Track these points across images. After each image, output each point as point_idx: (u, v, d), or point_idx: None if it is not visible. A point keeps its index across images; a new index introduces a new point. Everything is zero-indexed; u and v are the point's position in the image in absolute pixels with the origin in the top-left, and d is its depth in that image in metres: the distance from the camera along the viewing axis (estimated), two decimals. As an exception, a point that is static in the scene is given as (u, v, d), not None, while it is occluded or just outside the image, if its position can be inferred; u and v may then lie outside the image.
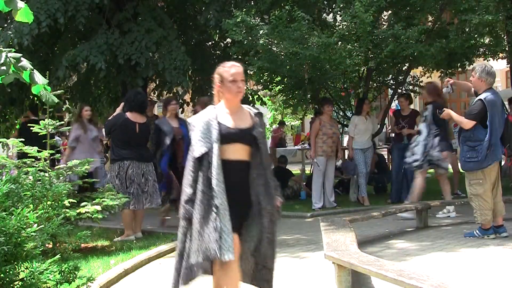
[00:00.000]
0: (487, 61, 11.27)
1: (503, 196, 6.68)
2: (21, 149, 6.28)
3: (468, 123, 6.37)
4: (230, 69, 3.75)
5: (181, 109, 13.18)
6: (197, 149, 3.56)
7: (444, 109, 9.23)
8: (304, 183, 11.20)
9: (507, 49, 11.26)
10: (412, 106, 10.46)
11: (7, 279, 3.40)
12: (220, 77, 3.74)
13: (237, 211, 3.56)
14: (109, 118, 7.93)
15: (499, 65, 13.49)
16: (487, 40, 11.42)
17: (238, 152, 3.65)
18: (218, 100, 3.78)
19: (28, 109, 11.37)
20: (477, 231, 6.53)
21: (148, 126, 7.68)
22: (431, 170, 13.97)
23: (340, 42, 9.36)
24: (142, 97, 7.67)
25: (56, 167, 6.63)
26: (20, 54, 3.64)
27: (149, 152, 7.65)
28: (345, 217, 6.60)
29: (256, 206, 3.65)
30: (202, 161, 3.54)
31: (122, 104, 7.76)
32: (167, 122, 7.93)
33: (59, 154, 9.21)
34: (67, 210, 5.64)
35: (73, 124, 9.12)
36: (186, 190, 3.57)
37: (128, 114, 7.35)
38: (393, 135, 10.43)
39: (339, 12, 9.75)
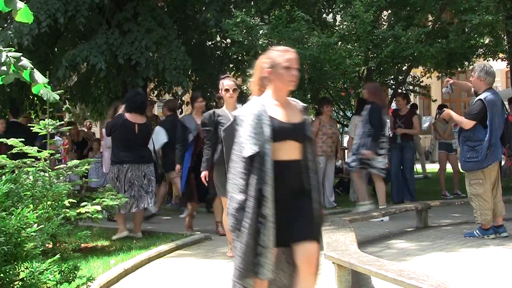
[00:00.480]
0: (487, 61, 11.28)
1: (503, 196, 6.68)
2: (21, 149, 6.27)
3: (468, 123, 6.37)
4: (284, 54, 3.24)
5: (179, 110, 13.21)
6: (247, 147, 3.06)
7: (444, 109, 9.25)
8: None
9: (507, 49, 11.27)
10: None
11: (7, 279, 3.40)
12: (271, 61, 3.24)
13: (290, 219, 3.14)
14: (109, 120, 7.90)
15: (499, 65, 13.51)
16: (487, 40, 11.44)
17: (291, 150, 3.19)
18: (258, 91, 3.31)
19: (9, 111, 11.40)
20: (477, 231, 6.53)
21: (148, 127, 7.60)
22: (434, 170, 13.97)
23: (340, 42, 9.37)
24: (142, 98, 7.62)
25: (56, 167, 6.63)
26: (20, 54, 3.64)
27: (149, 152, 7.53)
28: (345, 217, 6.60)
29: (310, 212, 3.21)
30: (253, 162, 3.06)
31: (124, 105, 7.72)
32: (192, 119, 7.54)
33: (59, 154, 9.22)
34: (67, 210, 5.63)
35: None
36: (236, 197, 3.06)
37: (127, 115, 7.32)
38: (391, 135, 10.41)
39: (339, 12, 9.76)
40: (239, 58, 12.26)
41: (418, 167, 13.15)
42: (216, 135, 5.81)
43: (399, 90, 11.25)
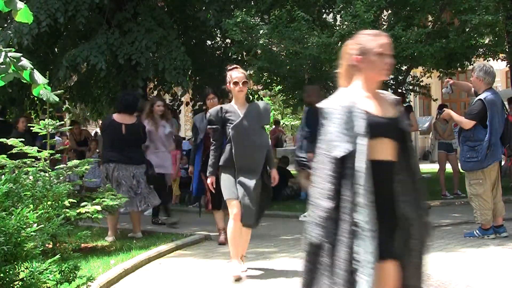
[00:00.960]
0: (487, 61, 11.28)
1: (503, 196, 6.69)
2: (21, 149, 6.27)
3: (468, 123, 6.37)
4: (376, 38, 2.84)
5: (178, 110, 13.23)
6: (338, 146, 2.64)
7: (444, 109, 9.25)
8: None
9: (507, 49, 11.27)
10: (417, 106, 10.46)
11: (7, 279, 3.40)
12: (361, 47, 2.83)
13: (392, 229, 2.75)
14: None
15: (499, 65, 13.50)
16: (487, 40, 11.44)
17: (387, 149, 2.76)
18: (346, 82, 2.89)
19: None
20: (477, 231, 6.53)
21: (138, 127, 7.36)
22: (434, 170, 14.00)
23: (340, 42, 9.36)
24: (130, 98, 7.49)
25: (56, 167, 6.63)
26: (20, 54, 3.64)
27: (140, 154, 7.36)
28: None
29: (403, 221, 2.79)
30: (345, 163, 2.64)
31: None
32: (202, 118, 7.05)
33: (59, 154, 9.22)
34: (67, 210, 5.63)
35: (143, 121, 8.14)
36: (323, 204, 2.63)
37: (115, 115, 7.30)
38: None
39: (339, 12, 9.75)
40: (239, 58, 12.27)
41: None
42: (224, 134, 5.15)
43: (399, 90, 11.24)
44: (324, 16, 11.16)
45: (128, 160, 7.13)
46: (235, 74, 5.16)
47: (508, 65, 12.69)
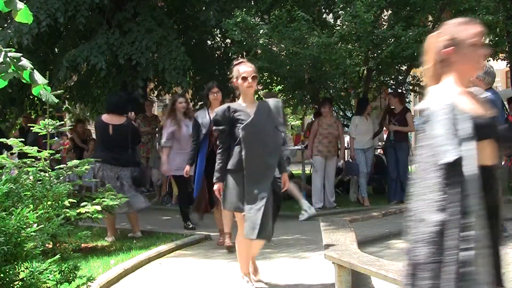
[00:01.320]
0: (487, 61, 11.29)
1: (503, 196, 6.67)
2: (21, 149, 6.28)
3: (468, 123, 6.38)
4: (467, 27, 2.51)
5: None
6: (449, 150, 2.31)
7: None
8: (305, 182, 11.18)
9: (507, 49, 11.28)
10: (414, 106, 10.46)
11: (7, 279, 3.40)
12: (452, 38, 2.51)
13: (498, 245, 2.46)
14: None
15: (499, 65, 13.52)
16: (487, 40, 11.46)
17: (490, 152, 2.48)
18: (435, 79, 2.58)
19: None
20: (477, 231, 6.52)
21: (126, 128, 7.24)
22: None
23: (340, 42, 9.37)
24: (117, 99, 7.52)
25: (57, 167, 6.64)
26: (20, 54, 3.63)
27: (128, 156, 7.23)
28: (345, 217, 6.60)
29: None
30: (454, 170, 2.30)
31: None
32: (204, 114, 6.63)
33: (59, 154, 9.21)
34: (67, 210, 5.64)
35: (166, 121, 7.95)
36: (432, 217, 2.32)
37: (104, 116, 7.33)
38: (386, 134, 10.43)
39: (340, 12, 9.75)
40: (239, 58, 12.27)
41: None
42: (232, 135, 4.60)
43: (399, 90, 11.25)
44: (324, 16, 11.16)
45: (114, 161, 7.09)
46: (243, 68, 4.60)
47: (508, 65, 12.71)
